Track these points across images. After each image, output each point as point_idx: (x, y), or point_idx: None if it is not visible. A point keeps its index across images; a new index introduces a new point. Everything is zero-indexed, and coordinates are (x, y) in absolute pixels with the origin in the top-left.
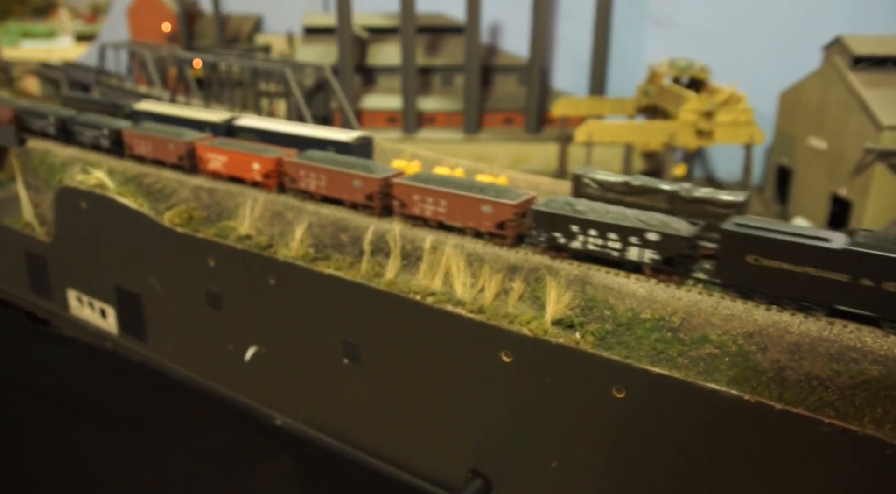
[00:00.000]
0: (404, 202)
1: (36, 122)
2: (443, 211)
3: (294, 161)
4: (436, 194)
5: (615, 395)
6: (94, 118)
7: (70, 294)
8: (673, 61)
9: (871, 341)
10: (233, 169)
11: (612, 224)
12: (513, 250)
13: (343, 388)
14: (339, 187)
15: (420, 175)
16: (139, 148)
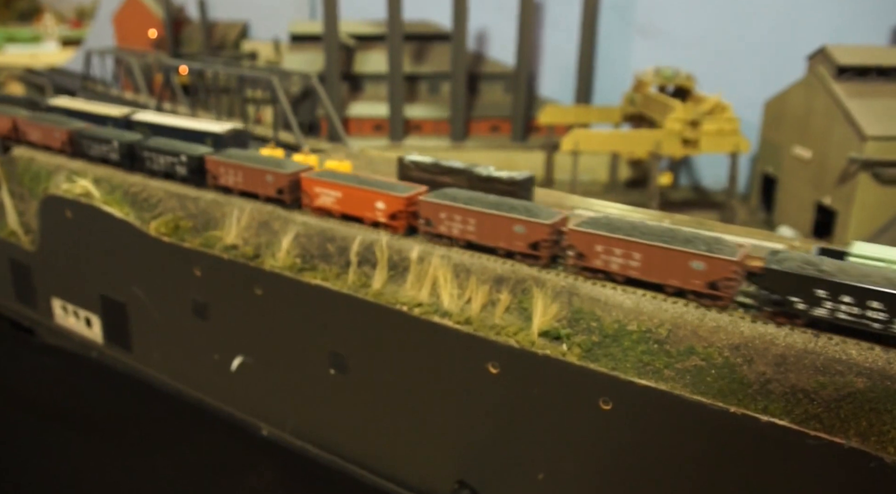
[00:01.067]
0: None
1: (94, 146)
2: None
3: (432, 201)
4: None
5: (602, 407)
6: (169, 144)
7: (55, 303)
8: (658, 70)
9: (856, 353)
10: (349, 207)
11: (878, 291)
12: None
13: (330, 399)
14: (494, 234)
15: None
16: (226, 178)
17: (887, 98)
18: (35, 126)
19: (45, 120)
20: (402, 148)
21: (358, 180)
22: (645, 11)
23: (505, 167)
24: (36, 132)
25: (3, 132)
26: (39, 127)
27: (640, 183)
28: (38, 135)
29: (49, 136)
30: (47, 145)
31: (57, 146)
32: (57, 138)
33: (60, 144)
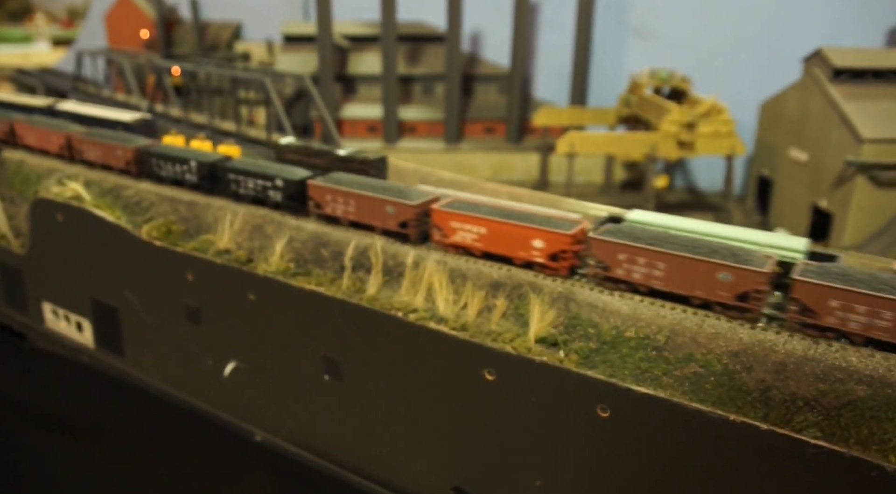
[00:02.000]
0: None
1: (167, 166)
2: None
3: (609, 240)
4: None
5: (599, 414)
6: (260, 166)
7: (46, 307)
8: (654, 72)
9: (856, 360)
10: (496, 245)
11: None
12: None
13: (324, 405)
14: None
15: None
16: (334, 207)
17: (883, 101)
18: (90, 143)
19: (102, 137)
20: (396, 150)
21: (506, 213)
22: (640, 13)
23: (501, 169)
24: (94, 151)
25: (55, 149)
26: (95, 144)
27: (636, 185)
28: (98, 153)
29: (110, 154)
30: (107, 164)
31: (120, 165)
32: (120, 157)
33: (124, 163)
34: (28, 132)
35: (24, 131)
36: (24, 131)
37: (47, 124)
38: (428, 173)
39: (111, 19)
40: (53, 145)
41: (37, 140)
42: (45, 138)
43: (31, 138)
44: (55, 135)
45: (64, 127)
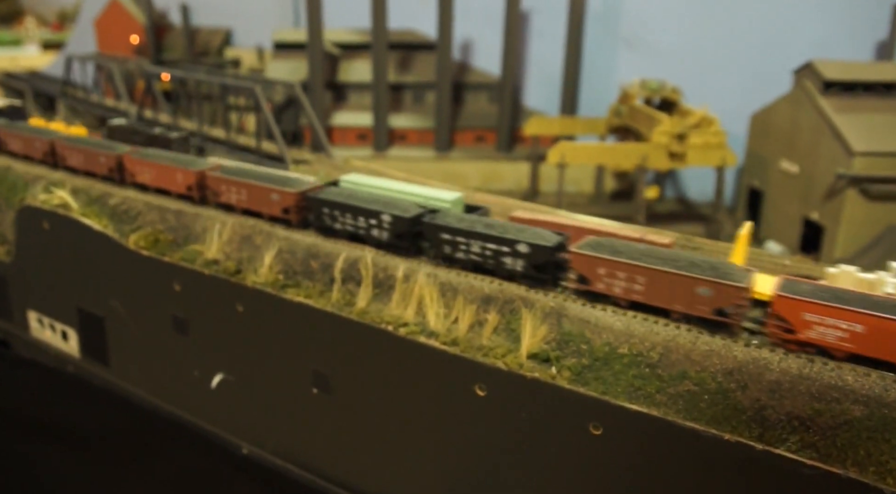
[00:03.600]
0: None
1: (344, 218)
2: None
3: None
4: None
5: (592, 432)
6: (488, 226)
7: (31, 316)
8: (644, 82)
9: (852, 380)
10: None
11: None
12: None
13: (312, 418)
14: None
15: None
16: (611, 284)
17: (874, 113)
18: (228, 182)
19: (239, 173)
20: (386, 158)
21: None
22: (631, 23)
23: (491, 178)
24: (236, 191)
25: (183, 187)
26: (237, 184)
27: (626, 195)
28: (244, 195)
29: (262, 199)
30: (258, 211)
31: (275, 213)
32: (276, 203)
33: (280, 210)
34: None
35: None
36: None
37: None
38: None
39: (101, 24)
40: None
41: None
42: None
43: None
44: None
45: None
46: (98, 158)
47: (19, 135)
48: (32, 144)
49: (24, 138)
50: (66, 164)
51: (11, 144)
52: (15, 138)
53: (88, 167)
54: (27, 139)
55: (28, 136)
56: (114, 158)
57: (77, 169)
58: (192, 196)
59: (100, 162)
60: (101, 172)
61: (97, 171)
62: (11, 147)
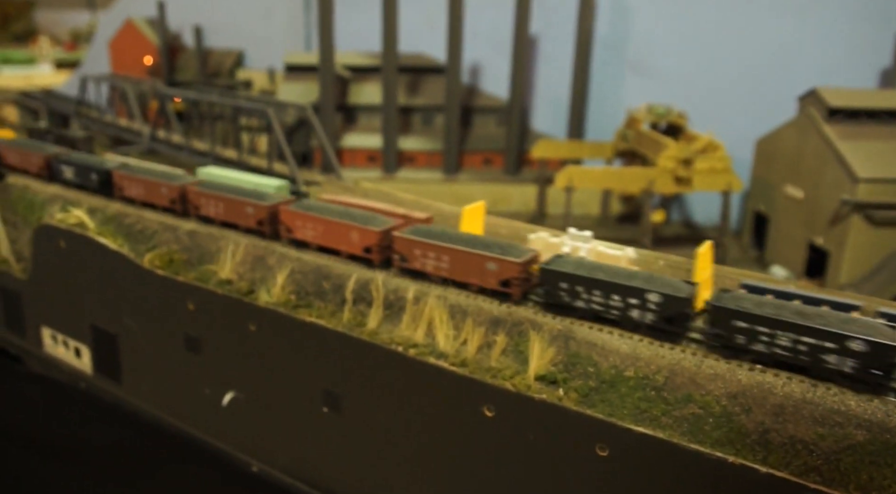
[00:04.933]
0: None
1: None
2: None
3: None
4: None
5: (598, 453)
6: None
7: (44, 332)
8: (651, 107)
9: (855, 404)
10: None
11: None
12: None
13: (322, 437)
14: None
15: None
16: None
17: (878, 140)
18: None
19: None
20: (395, 180)
21: None
22: (637, 49)
23: (499, 201)
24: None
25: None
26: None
27: (633, 218)
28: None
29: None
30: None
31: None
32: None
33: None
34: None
35: None
36: None
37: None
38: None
39: (115, 45)
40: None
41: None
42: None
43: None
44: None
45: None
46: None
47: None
48: (157, 191)
49: (148, 185)
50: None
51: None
52: (135, 183)
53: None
54: (152, 185)
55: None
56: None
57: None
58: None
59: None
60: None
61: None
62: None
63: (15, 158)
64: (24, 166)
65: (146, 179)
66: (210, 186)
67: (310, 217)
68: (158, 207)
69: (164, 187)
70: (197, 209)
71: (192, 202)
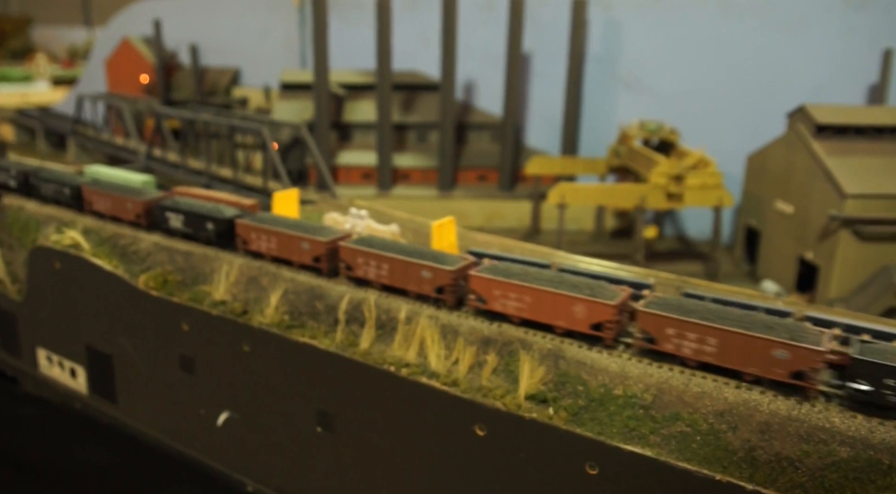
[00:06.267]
0: None
1: None
2: None
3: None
4: None
5: (588, 471)
6: None
7: (40, 353)
8: (643, 123)
9: (839, 421)
10: None
11: None
12: None
13: (316, 457)
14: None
15: None
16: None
17: (865, 156)
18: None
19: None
20: (390, 197)
21: None
22: (630, 65)
23: (493, 217)
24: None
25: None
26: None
27: (627, 233)
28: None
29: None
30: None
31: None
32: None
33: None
34: None
35: None
36: None
37: None
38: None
39: (112, 64)
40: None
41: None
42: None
43: None
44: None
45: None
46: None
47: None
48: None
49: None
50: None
51: None
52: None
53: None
54: (286, 239)
55: None
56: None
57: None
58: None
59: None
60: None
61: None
62: None
63: (104, 203)
64: (117, 213)
65: (277, 230)
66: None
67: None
68: (296, 264)
69: (305, 241)
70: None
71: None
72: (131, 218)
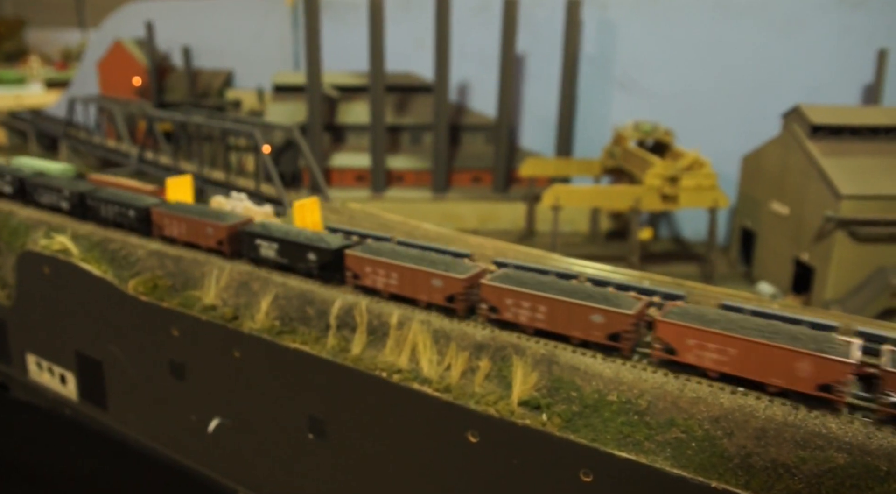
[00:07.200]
0: None
1: None
2: None
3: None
4: None
5: (582, 478)
6: None
7: (29, 359)
8: (638, 124)
9: (835, 427)
10: None
11: None
12: None
13: (307, 463)
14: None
15: None
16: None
17: (861, 157)
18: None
19: None
20: (384, 199)
21: None
22: (624, 66)
23: (487, 219)
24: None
25: None
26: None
27: (622, 234)
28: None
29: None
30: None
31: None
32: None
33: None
34: None
35: None
36: None
37: None
38: (414, 227)
39: (104, 66)
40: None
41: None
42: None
43: None
44: None
45: None
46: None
47: None
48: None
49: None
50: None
51: None
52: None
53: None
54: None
55: None
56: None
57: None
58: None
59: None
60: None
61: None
62: None
63: (177, 228)
64: (193, 239)
65: (400, 264)
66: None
67: None
68: (422, 304)
69: (437, 278)
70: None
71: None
72: (211, 244)
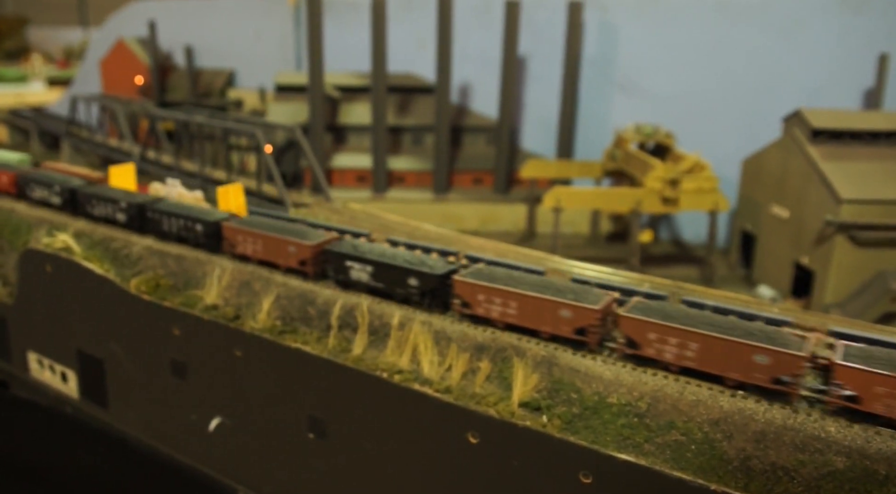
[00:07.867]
0: None
1: None
2: None
3: None
4: None
5: (582, 480)
6: None
7: (30, 357)
8: (639, 127)
9: (835, 431)
10: None
11: None
12: None
13: (308, 463)
14: None
15: None
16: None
17: (861, 161)
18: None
19: None
20: (385, 200)
21: None
22: (625, 69)
23: (488, 220)
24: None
25: None
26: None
27: (622, 237)
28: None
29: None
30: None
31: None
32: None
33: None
34: None
35: None
36: None
37: None
38: (415, 228)
39: (106, 65)
40: None
41: None
42: None
43: None
44: None
45: None
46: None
47: None
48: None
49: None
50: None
51: None
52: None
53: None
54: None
55: None
56: None
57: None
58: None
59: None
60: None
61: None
62: None
63: (252, 246)
64: (272, 258)
65: (521, 292)
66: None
67: None
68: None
69: (565, 309)
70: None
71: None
72: (293, 264)
